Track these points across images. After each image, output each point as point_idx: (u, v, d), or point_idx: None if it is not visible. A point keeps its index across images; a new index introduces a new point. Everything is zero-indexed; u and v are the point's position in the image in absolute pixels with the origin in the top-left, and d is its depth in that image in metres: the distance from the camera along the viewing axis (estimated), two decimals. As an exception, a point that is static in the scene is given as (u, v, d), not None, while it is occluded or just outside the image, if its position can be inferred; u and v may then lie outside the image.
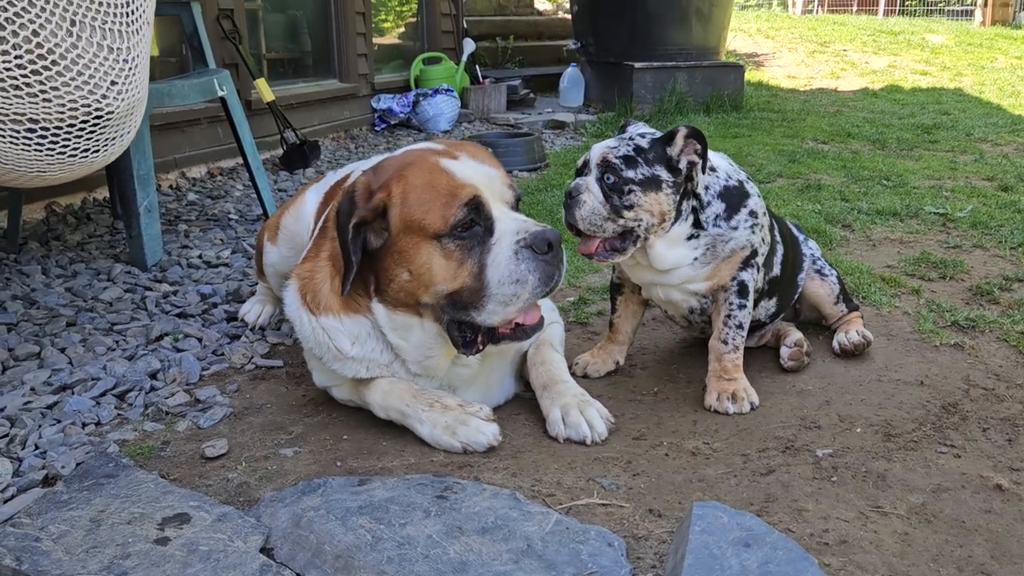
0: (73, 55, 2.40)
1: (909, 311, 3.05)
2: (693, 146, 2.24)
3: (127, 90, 2.61)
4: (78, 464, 2.07)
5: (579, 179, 2.30)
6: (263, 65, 6.70)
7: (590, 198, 2.25)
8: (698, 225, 2.33)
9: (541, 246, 2.01)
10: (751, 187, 2.42)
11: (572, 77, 9.11)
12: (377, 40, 8.51)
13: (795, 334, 2.67)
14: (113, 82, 2.53)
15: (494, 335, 2.13)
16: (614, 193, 2.24)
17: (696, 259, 2.36)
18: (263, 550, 1.70)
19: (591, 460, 2.11)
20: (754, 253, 2.39)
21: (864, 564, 1.68)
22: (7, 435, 2.24)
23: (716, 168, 2.37)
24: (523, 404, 2.40)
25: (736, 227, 2.35)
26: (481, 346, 2.14)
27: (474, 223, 2.04)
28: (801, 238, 2.82)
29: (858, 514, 1.85)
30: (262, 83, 5.96)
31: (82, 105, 2.48)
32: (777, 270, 2.56)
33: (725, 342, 2.39)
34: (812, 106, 9.13)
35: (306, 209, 2.83)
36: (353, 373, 2.26)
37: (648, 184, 2.23)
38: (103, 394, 2.48)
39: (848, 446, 2.15)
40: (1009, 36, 14.74)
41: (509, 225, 2.05)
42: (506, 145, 6.00)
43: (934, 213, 4.38)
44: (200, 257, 3.82)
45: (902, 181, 5.20)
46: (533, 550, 1.65)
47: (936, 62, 12.50)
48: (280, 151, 6.13)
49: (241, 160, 4.75)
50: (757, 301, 2.51)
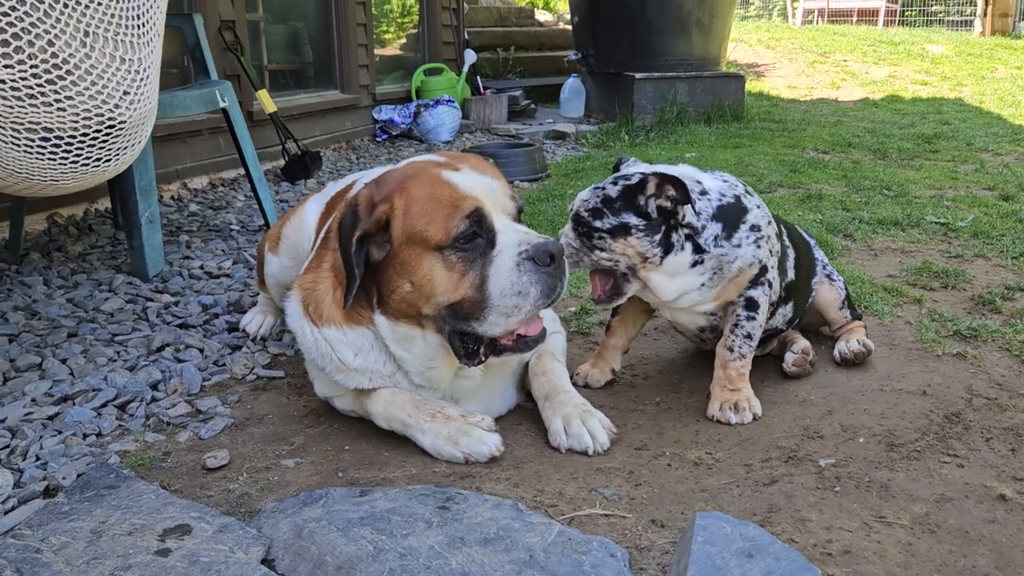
0: (87, 65, 2.42)
1: (911, 320, 3.05)
2: (666, 191, 2.26)
3: (139, 100, 2.63)
4: (79, 475, 2.06)
5: (563, 229, 2.43)
6: (265, 76, 6.72)
7: (566, 242, 2.36)
8: (699, 250, 2.33)
9: (543, 258, 2.01)
10: (749, 200, 2.41)
11: (573, 88, 9.14)
12: (378, 51, 8.53)
13: (802, 341, 2.67)
14: (125, 92, 2.56)
15: (496, 346, 2.12)
16: (584, 239, 2.33)
17: (703, 284, 2.36)
18: (264, 561, 1.69)
19: (593, 470, 2.10)
20: (764, 270, 2.37)
21: (868, 574, 1.67)
22: (8, 446, 2.23)
23: (707, 191, 2.37)
24: (525, 414, 2.40)
25: (739, 244, 2.34)
26: (483, 357, 2.14)
27: (476, 235, 2.04)
28: (812, 243, 2.82)
29: (861, 524, 1.85)
30: (264, 94, 5.98)
31: (95, 115, 2.50)
32: (792, 274, 2.55)
33: (731, 349, 2.39)
34: (813, 116, 9.15)
35: (307, 219, 2.84)
36: (356, 384, 2.25)
37: (617, 231, 2.30)
38: (104, 405, 2.48)
39: (851, 456, 2.14)
40: (1009, 46, 14.77)
41: (511, 237, 2.05)
42: (507, 156, 6.01)
43: (935, 223, 4.38)
44: (201, 268, 3.82)
45: (903, 191, 5.20)
46: (535, 561, 1.64)
47: (936, 72, 12.53)
48: (282, 162, 6.14)
49: (243, 171, 4.76)
50: (776, 309, 2.50)
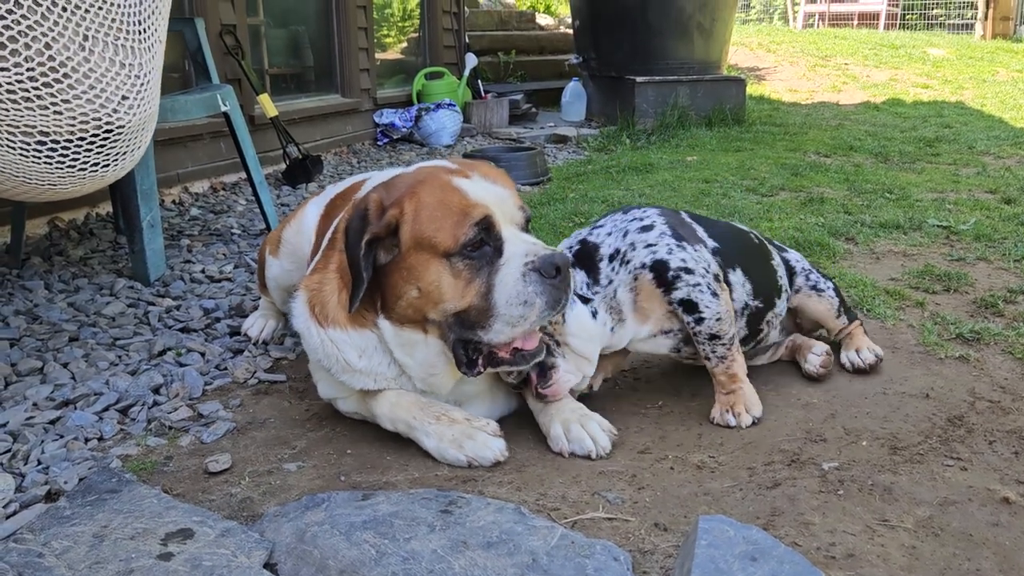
0: (85, 69, 2.41)
1: (914, 324, 3.04)
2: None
3: (138, 105, 2.62)
4: (81, 479, 2.06)
5: None
6: (266, 80, 6.73)
7: None
8: (585, 300, 2.30)
9: (549, 270, 2.01)
10: (597, 234, 2.38)
11: (574, 91, 9.15)
12: (379, 55, 8.54)
13: (821, 344, 2.66)
14: (124, 97, 2.55)
15: (494, 358, 2.11)
16: None
17: (614, 328, 2.32)
18: (267, 565, 1.69)
19: (596, 474, 2.10)
20: (662, 266, 2.29)
21: (872, 578, 1.67)
22: (10, 450, 2.23)
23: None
24: (526, 418, 2.39)
25: (609, 280, 2.32)
26: (482, 368, 2.14)
27: (484, 243, 2.04)
28: (774, 249, 2.72)
29: (865, 528, 1.84)
30: (265, 98, 5.98)
31: (93, 119, 2.49)
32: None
33: (708, 359, 2.37)
34: (814, 120, 9.15)
35: (307, 222, 2.83)
36: (361, 385, 2.25)
37: None
38: (106, 409, 2.48)
39: (854, 459, 2.14)
40: (1010, 50, 14.78)
41: (518, 247, 2.05)
42: (508, 159, 6.01)
43: (937, 226, 4.38)
44: (203, 272, 3.82)
45: (905, 194, 5.20)
46: (538, 564, 1.64)
47: (937, 75, 12.53)
48: (283, 166, 6.14)
49: (244, 175, 4.76)
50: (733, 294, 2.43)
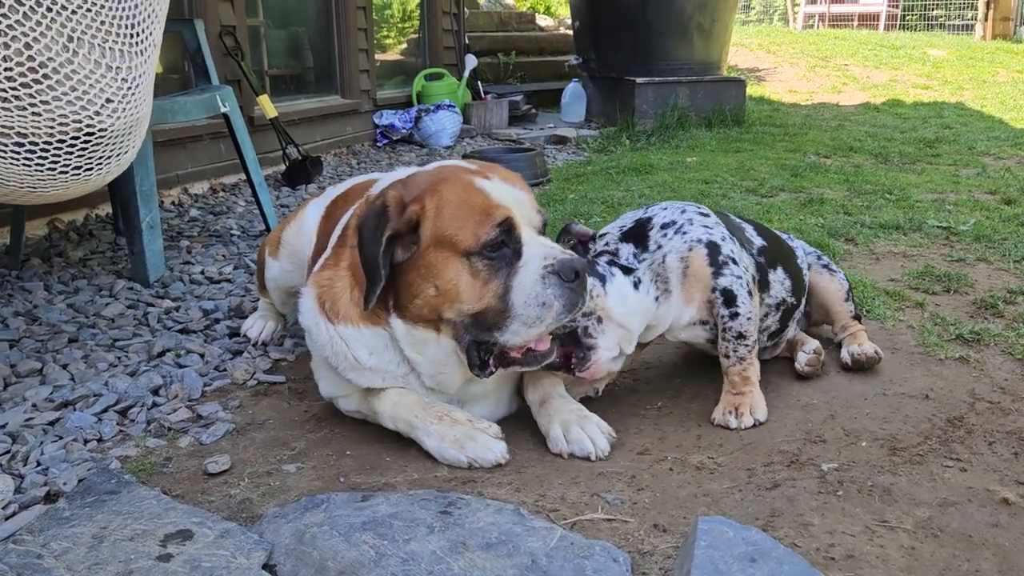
0: (67, 70, 2.36)
1: (913, 325, 3.04)
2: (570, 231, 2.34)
3: (123, 109, 2.56)
4: (80, 480, 2.06)
5: None
6: (265, 81, 6.73)
7: None
8: (628, 271, 2.33)
9: (568, 274, 2.02)
10: (652, 211, 2.43)
11: (574, 92, 9.16)
12: (379, 56, 8.55)
13: (813, 341, 2.66)
14: (108, 100, 2.50)
15: (505, 358, 2.12)
16: None
17: (657, 298, 2.34)
18: (266, 567, 1.69)
19: (595, 475, 2.10)
20: (714, 248, 2.33)
21: (871, 579, 1.67)
22: (9, 451, 2.23)
23: (607, 231, 2.44)
24: (525, 418, 2.39)
25: (659, 245, 2.35)
26: (494, 368, 2.14)
27: (504, 244, 2.05)
28: (785, 236, 2.78)
29: (864, 528, 1.84)
30: (265, 99, 5.99)
31: (73, 121, 2.43)
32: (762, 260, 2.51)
33: (727, 356, 2.38)
34: (814, 120, 9.16)
35: (307, 223, 2.83)
36: (369, 383, 2.25)
37: None
38: (105, 410, 2.47)
39: (853, 460, 2.14)
40: (1010, 50, 14.79)
41: (537, 250, 2.06)
42: (508, 160, 6.00)
43: (937, 227, 4.38)
44: (202, 273, 3.82)
45: (905, 195, 5.20)
46: (538, 565, 1.64)
47: (937, 76, 12.53)
48: (282, 167, 6.15)
49: (243, 176, 4.76)
50: (762, 300, 2.47)
